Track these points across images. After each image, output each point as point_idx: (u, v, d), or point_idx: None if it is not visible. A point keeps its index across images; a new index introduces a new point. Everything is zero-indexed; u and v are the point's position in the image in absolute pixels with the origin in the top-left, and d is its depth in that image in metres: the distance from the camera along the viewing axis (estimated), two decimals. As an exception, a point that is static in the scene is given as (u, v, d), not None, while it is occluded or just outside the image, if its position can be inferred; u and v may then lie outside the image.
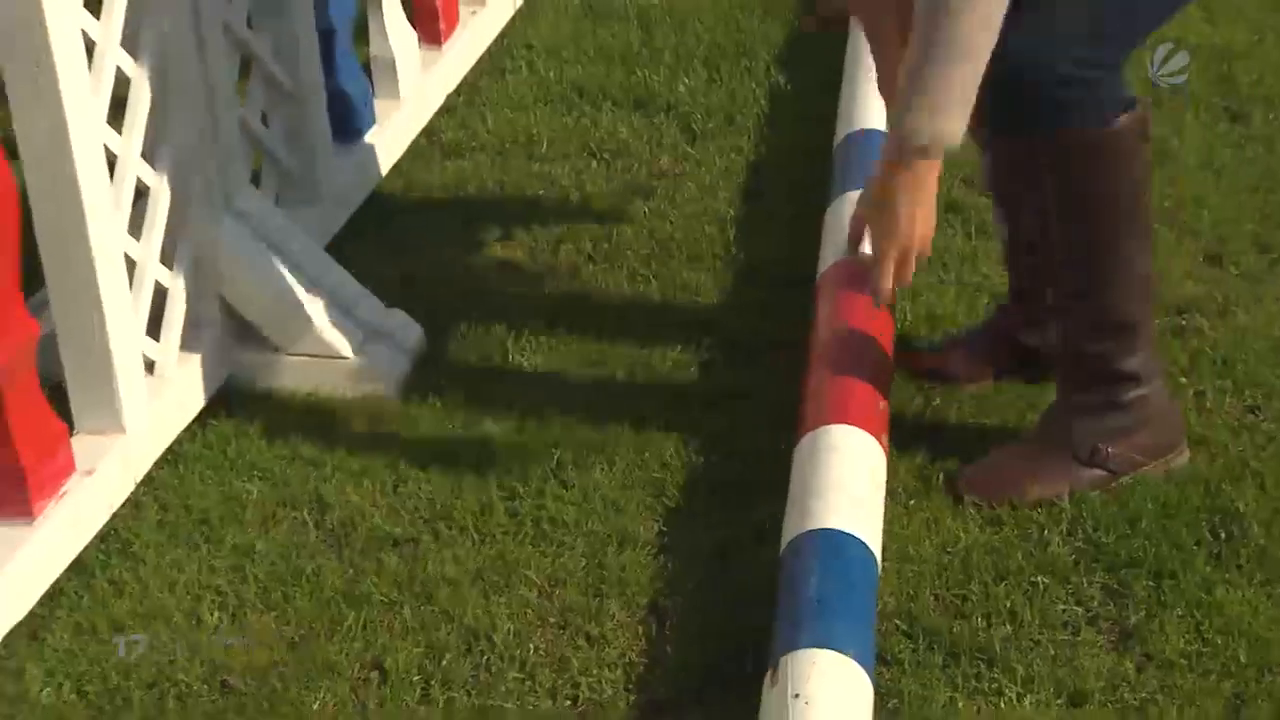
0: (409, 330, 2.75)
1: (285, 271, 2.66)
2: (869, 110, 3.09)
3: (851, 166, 2.97)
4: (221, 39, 2.61)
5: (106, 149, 2.33)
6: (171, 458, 2.51)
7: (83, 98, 2.24)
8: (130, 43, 2.40)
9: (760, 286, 2.88)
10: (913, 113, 2.00)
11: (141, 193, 2.48)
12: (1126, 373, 2.26)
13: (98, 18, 2.32)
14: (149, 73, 2.43)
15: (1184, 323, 2.64)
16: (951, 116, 1.99)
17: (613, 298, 2.88)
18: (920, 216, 2.09)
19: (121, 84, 2.39)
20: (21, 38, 2.14)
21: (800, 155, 3.31)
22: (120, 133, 2.39)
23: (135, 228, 2.45)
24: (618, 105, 3.58)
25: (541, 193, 3.26)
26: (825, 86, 3.50)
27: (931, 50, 1.97)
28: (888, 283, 2.13)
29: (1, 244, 2.10)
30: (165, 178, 2.50)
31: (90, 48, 2.30)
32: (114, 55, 2.34)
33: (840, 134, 3.14)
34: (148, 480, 2.46)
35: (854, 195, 2.84)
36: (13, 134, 2.23)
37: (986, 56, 1.98)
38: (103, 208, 2.30)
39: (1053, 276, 2.30)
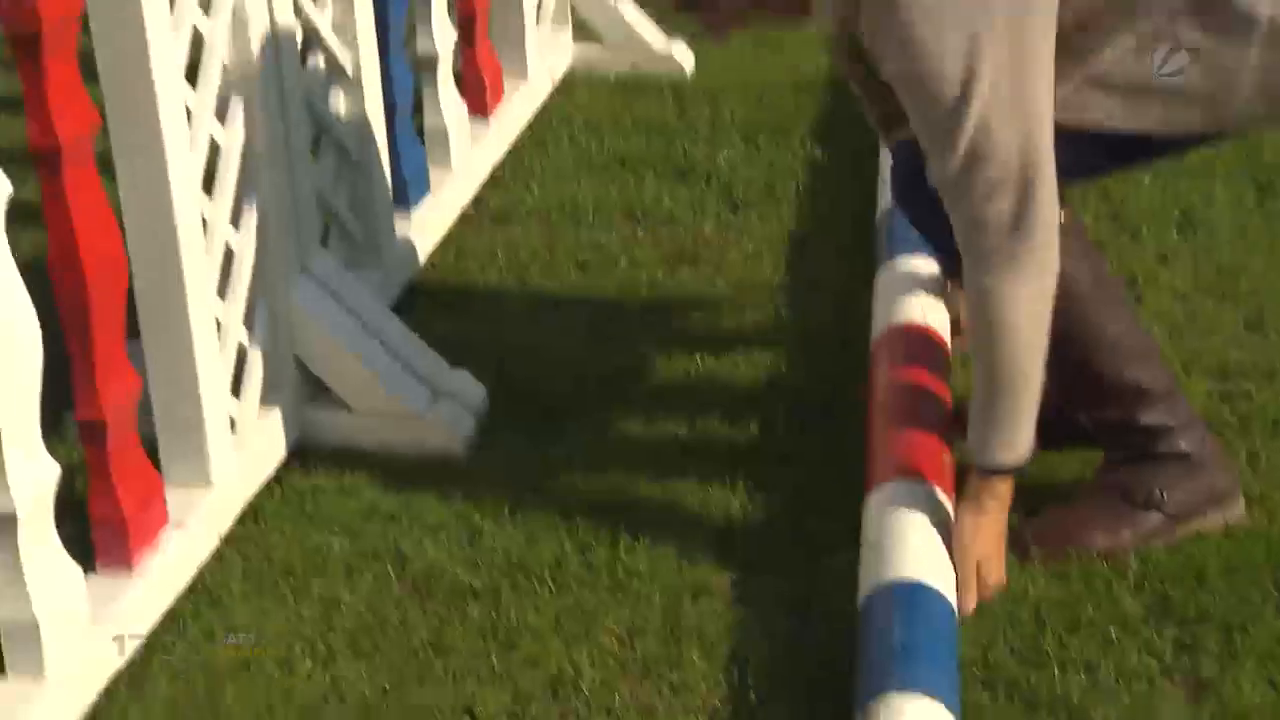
0: (472, 390, 2.83)
1: (356, 332, 2.74)
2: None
3: (896, 234, 3.06)
4: (302, 110, 2.70)
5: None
6: (251, 513, 2.58)
7: (183, 164, 2.32)
8: (221, 111, 2.49)
9: (810, 351, 2.97)
10: (990, 449, 2.21)
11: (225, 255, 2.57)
12: (1151, 427, 2.36)
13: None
14: (238, 140, 2.52)
15: (1232, 387, 2.73)
16: (1022, 439, 2.20)
17: (666, 360, 2.96)
18: (995, 528, 2.24)
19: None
20: (133, 107, 2.23)
21: (842, 224, 3.41)
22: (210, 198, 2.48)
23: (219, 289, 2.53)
24: (659, 175, 3.68)
25: (590, 259, 3.35)
26: (860, 158, 3.61)
27: (993, 387, 2.17)
28: (969, 600, 2.22)
29: (111, 305, 2.18)
30: (249, 241, 2.59)
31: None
32: (209, 124, 2.43)
33: (883, 203, 3.23)
34: (229, 535, 2.52)
35: (901, 261, 2.96)
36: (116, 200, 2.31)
37: (1042, 374, 2.16)
38: (199, 270, 2.38)
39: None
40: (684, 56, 4.18)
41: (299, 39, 2.71)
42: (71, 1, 2.00)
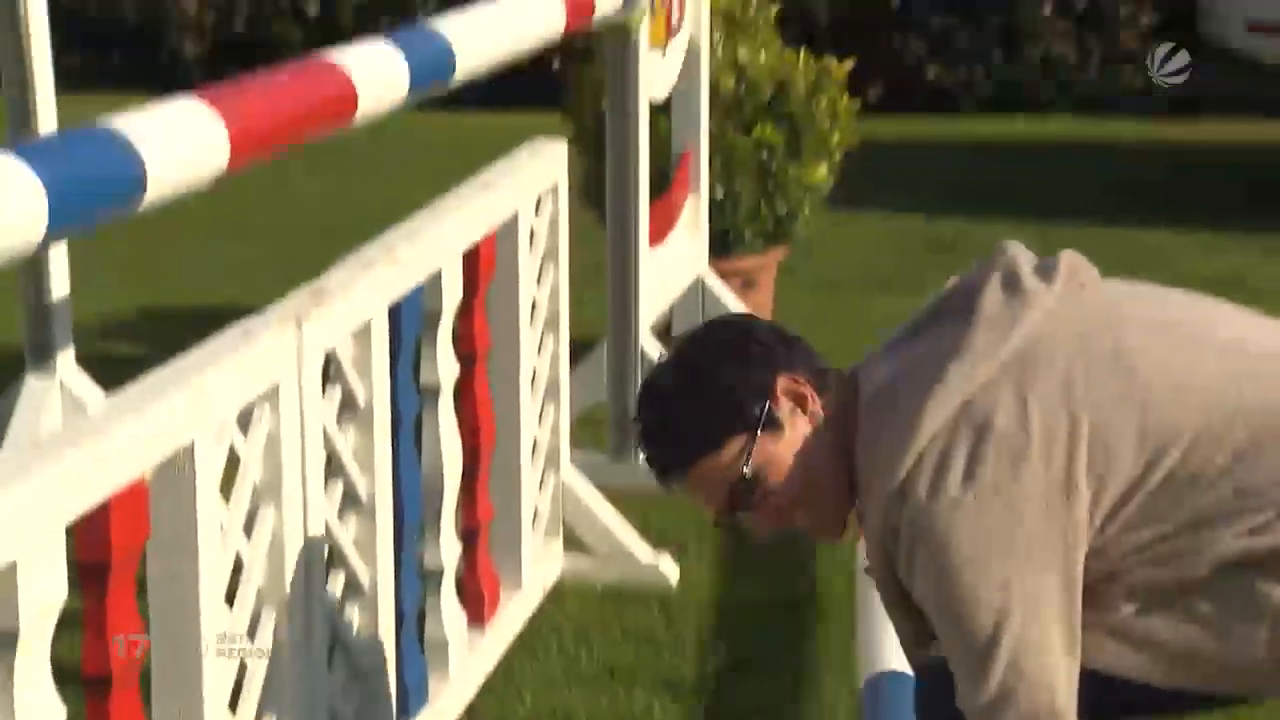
0: None
1: None
2: (887, 652, 3.21)
3: (878, 708, 3.09)
4: (324, 626, 2.79)
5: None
6: None
7: (216, 685, 2.39)
8: (251, 629, 2.57)
9: None
10: None
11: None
12: None
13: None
14: (264, 659, 2.59)
15: None
16: None
17: None
18: None
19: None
20: (178, 627, 2.32)
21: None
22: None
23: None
24: (648, 687, 3.74)
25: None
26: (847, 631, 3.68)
27: None
28: None
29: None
30: (267, 761, 2.62)
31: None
32: (240, 644, 2.50)
33: (863, 676, 3.27)
34: None
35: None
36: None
37: None
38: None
39: None
40: (669, 569, 4.30)
41: (325, 557, 2.81)
42: (139, 534, 2.11)
